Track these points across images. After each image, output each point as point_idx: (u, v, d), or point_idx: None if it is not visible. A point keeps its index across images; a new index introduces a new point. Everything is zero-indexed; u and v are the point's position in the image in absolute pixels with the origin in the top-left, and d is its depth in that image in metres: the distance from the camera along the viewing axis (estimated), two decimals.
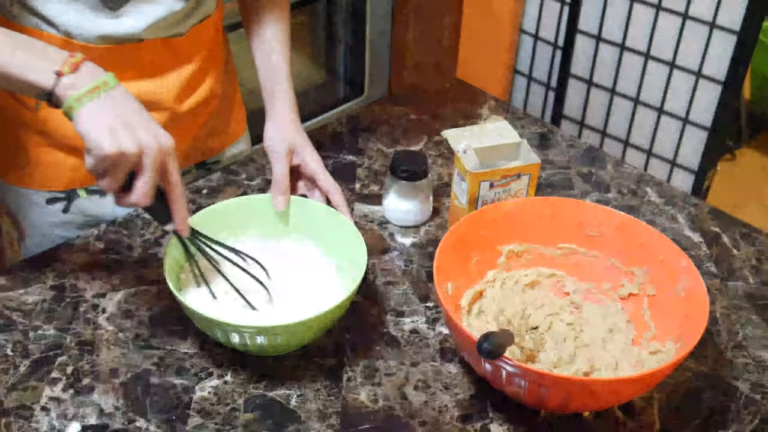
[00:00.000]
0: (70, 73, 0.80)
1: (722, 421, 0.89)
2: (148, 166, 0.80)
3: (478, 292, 0.99)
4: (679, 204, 1.22)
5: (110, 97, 0.81)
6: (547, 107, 2.63)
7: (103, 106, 0.80)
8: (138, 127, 0.80)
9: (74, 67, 0.80)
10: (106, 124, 0.79)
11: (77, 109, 0.79)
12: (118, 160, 0.79)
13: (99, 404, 0.87)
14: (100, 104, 0.80)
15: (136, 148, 0.79)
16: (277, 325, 0.85)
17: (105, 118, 0.79)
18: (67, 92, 0.80)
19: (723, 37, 2.11)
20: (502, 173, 1.06)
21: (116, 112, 0.80)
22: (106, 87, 0.81)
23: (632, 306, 0.99)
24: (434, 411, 0.88)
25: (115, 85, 0.82)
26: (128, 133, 0.79)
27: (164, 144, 0.81)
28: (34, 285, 1.01)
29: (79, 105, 0.79)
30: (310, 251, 1.02)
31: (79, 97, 0.79)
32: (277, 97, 1.13)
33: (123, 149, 0.78)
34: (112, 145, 0.78)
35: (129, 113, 0.81)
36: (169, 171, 0.83)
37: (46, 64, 0.80)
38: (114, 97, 0.81)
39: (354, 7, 2.24)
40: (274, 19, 1.16)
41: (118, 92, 0.82)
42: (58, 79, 0.80)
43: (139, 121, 0.81)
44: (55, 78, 0.80)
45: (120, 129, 0.79)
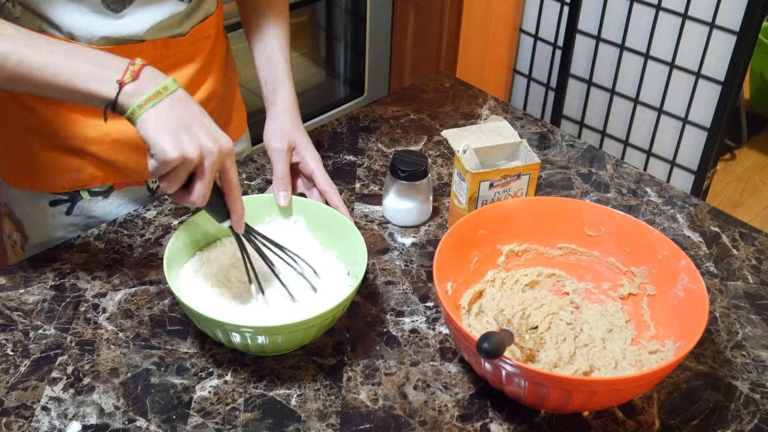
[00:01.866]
0: (132, 81, 0.81)
1: (722, 420, 0.89)
2: (208, 170, 0.82)
3: (478, 292, 0.99)
4: (678, 204, 1.22)
5: (171, 101, 0.82)
6: (546, 107, 2.63)
7: (164, 111, 0.81)
8: (199, 130, 0.82)
9: (135, 74, 0.81)
10: (169, 130, 0.80)
11: (140, 115, 0.81)
12: (181, 163, 0.80)
13: (99, 404, 0.87)
14: (161, 109, 0.81)
15: (197, 153, 0.80)
16: (277, 325, 0.86)
17: (167, 123, 0.80)
18: (129, 100, 0.81)
19: (723, 37, 2.11)
20: (502, 173, 1.06)
21: (178, 116, 0.81)
22: (167, 92, 0.82)
23: (632, 306, 0.99)
24: (434, 411, 0.88)
25: (175, 89, 0.83)
26: (190, 137, 0.80)
27: (224, 146, 0.83)
28: (35, 285, 1.01)
29: (141, 111, 0.81)
30: (310, 251, 1.02)
31: (141, 103, 0.81)
32: (277, 95, 1.13)
33: (186, 154, 0.80)
34: (175, 150, 0.79)
35: (190, 117, 0.82)
36: (228, 172, 0.85)
37: (108, 73, 0.82)
38: (175, 101, 0.82)
39: (354, 7, 2.25)
40: (274, 18, 1.16)
41: (178, 96, 0.83)
42: (121, 88, 0.81)
43: (200, 124, 0.82)
44: (117, 87, 0.81)
45: (182, 133, 0.80)
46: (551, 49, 2.54)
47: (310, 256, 1.00)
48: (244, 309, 0.93)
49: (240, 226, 0.90)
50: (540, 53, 2.58)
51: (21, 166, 1.10)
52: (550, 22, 2.50)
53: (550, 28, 2.51)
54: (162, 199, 1.17)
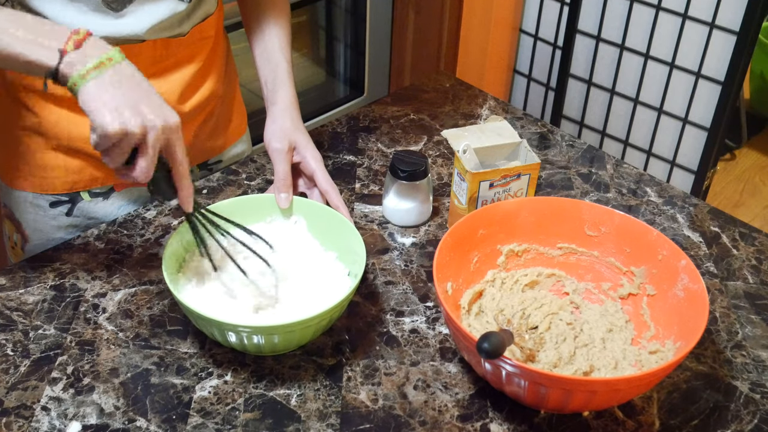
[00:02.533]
0: (74, 50, 0.79)
1: (721, 420, 0.89)
2: (151, 145, 0.80)
3: (477, 292, 0.99)
4: (678, 204, 1.22)
5: (116, 72, 0.80)
6: (546, 107, 2.63)
7: (107, 82, 0.79)
8: (143, 104, 0.79)
9: (78, 43, 0.79)
10: (110, 102, 0.78)
11: (81, 85, 0.79)
12: (122, 138, 0.78)
13: (99, 404, 0.87)
14: (104, 81, 0.79)
15: (139, 127, 0.78)
16: (274, 325, 0.86)
17: (109, 95, 0.78)
18: (71, 69, 0.79)
19: (723, 37, 2.11)
20: (502, 173, 1.06)
21: (121, 88, 0.79)
22: (111, 62, 0.80)
23: (632, 306, 0.99)
24: (434, 411, 0.88)
25: (120, 60, 0.81)
26: (132, 111, 0.78)
27: (169, 121, 0.81)
28: (34, 285, 1.01)
29: (83, 82, 0.78)
30: (310, 250, 1.02)
31: (83, 74, 0.78)
32: (277, 95, 1.13)
33: (127, 128, 0.78)
34: (115, 123, 0.77)
35: (134, 89, 0.80)
36: (174, 147, 0.83)
37: (50, 42, 0.79)
38: (119, 72, 0.80)
39: (354, 7, 2.25)
40: (274, 18, 1.16)
41: (123, 67, 0.81)
42: (62, 56, 0.79)
43: (144, 97, 0.80)
44: (59, 56, 0.79)
45: (124, 107, 0.78)
46: (551, 49, 2.54)
47: (310, 256, 1.00)
48: (244, 308, 0.93)
49: (188, 204, 0.88)
50: (540, 53, 2.58)
51: (21, 168, 1.10)
52: (550, 22, 2.50)
53: (550, 28, 2.51)
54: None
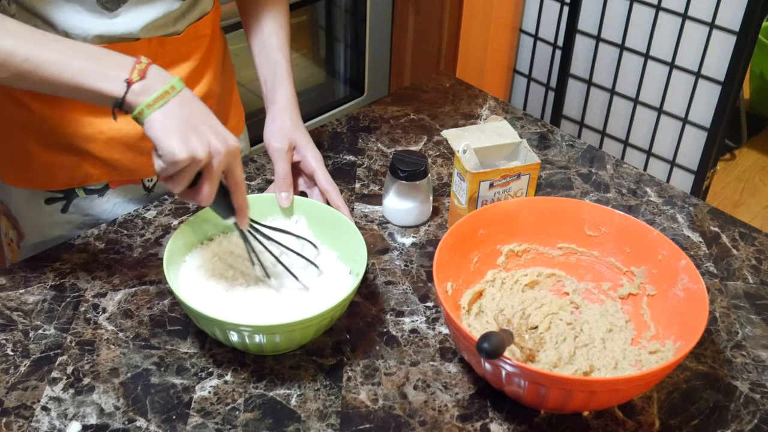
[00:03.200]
0: (140, 80, 0.81)
1: (721, 420, 0.89)
2: (216, 170, 0.82)
3: (477, 292, 0.99)
4: (678, 204, 1.22)
5: (179, 101, 0.82)
6: (546, 107, 2.63)
7: (172, 111, 0.81)
8: (207, 130, 0.82)
9: (142, 73, 0.81)
10: (177, 130, 0.80)
11: (148, 115, 0.81)
12: (189, 164, 0.80)
13: (99, 404, 0.87)
14: (169, 109, 0.81)
15: (206, 154, 0.81)
16: (275, 324, 0.86)
17: (175, 123, 0.80)
18: (137, 99, 0.81)
19: (722, 38, 2.11)
20: (502, 173, 1.06)
21: (186, 116, 0.81)
22: (174, 91, 0.82)
23: (632, 306, 0.99)
24: (434, 411, 0.88)
25: (182, 89, 0.83)
26: (198, 138, 0.81)
27: (231, 146, 0.83)
28: (34, 285, 1.01)
29: (150, 111, 0.81)
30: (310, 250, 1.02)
31: (150, 103, 0.80)
32: (276, 94, 1.13)
33: (195, 155, 0.80)
34: (183, 151, 0.79)
35: (197, 117, 0.82)
36: (234, 170, 0.85)
37: (115, 72, 0.81)
38: (182, 101, 0.82)
39: (354, 7, 2.25)
40: (273, 17, 1.16)
41: (185, 96, 0.83)
42: (129, 87, 0.81)
43: (207, 124, 0.82)
44: (125, 86, 0.81)
45: (190, 134, 0.80)
46: (551, 49, 2.54)
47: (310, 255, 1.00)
48: (244, 307, 0.93)
49: (244, 223, 0.91)
50: (540, 53, 2.58)
51: (16, 164, 1.10)
52: (550, 22, 2.50)
53: (550, 28, 2.51)
54: (162, 199, 1.17)
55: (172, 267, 0.94)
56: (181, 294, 0.88)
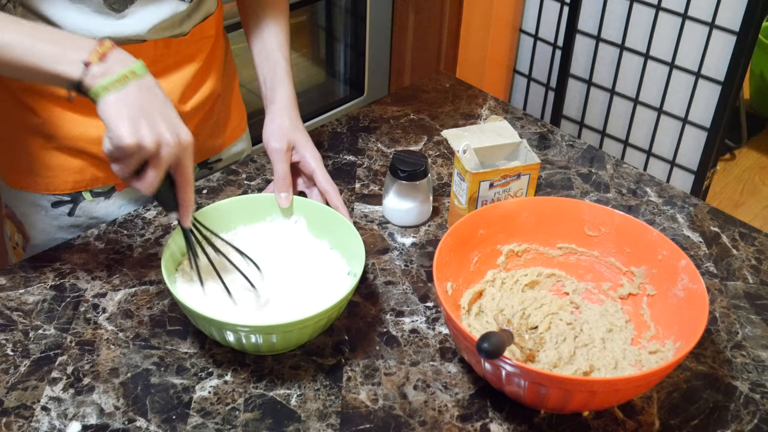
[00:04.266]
0: (99, 62, 0.80)
1: (721, 420, 0.89)
2: (163, 161, 0.81)
3: (477, 292, 0.99)
4: (678, 204, 1.22)
5: (137, 86, 0.81)
6: (546, 107, 2.63)
7: (128, 95, 0.80)
8: (160, 120, 0.81)
9: (102, 56, 0.80)
10: (128, 115, 0.79)
11: (103, 97, 0.80)
12: (136, 151, 0.80)
13: (99, 404, 0.87)
14: (125, 94, 0.80)
15: (154, 142, 0.80)
16: (272, 324, 0.86)
17: (129, 108, 0.80)
18: (95, 80, 0.80)
19: (722, 38, 2.11)
20: (502, 173, 1.06)
21: (141, 102, 0.80)
22: (134, 76, 0.81)
23: (632, 306, 0.99)
24: (434, 411, 0.88)
25: (143, 74, 0.82)
26: (149, 125, 0.80)
27: (183, 139, 0.82)
28: (34, 285, 1.01)
29: (105, 93, 0.80)
30: (310, 250, 1.02)
31: (106, 85, 0.80)
32: (276, 94, 1.13)
33: (142, 142, 0.79)
34: (131, 136, 0.79)
35: (153, 105, 0.81)
36: (183, 166, 0.84)
37: (75, 54, 0.80)
38: (141, 87, 0.81)
39: (354, 7, 2.25)
40: (273, 16, 1.16)
41: (145, 82, 0.82)
42: (87, 68, 0.80)
43: (161, 113, 0.81)
44: (83, 68, 0.80)
45: (142, 121, 0.80)
46: (551, 49, 2.54)
47: (310, 255, 1.01)
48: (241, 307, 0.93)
49: (186, 220, 0.90)
50: (540, 53, 2.58)
51: (22, 168, 1.10)
52: (550, 22, 2.50)
53: (550, 28, 2.51)
54: None
55: (171, 267, 0.94)
56: (179, 294, 0.88)
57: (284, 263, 0.99)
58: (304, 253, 1.01)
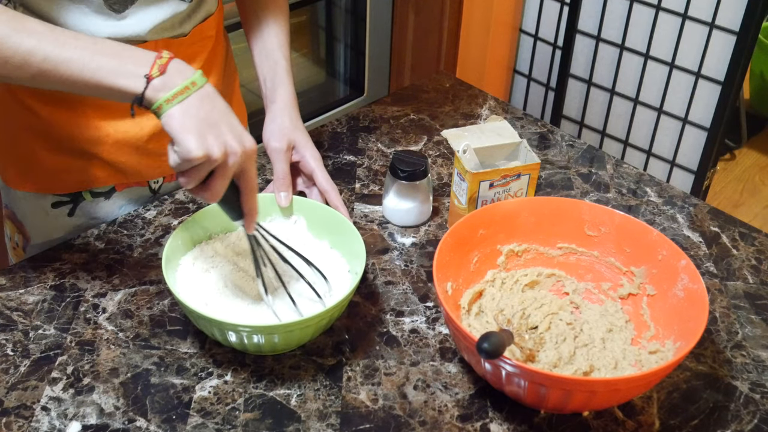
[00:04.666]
0: (160, 75, 0.80)
1: (721, 420, 0.89)
2: (230, 169, 0.82)
3: (477, 292, 0.99)
4: (678, 204, 1.22)
5: (199, 97, 0.81)
6: (546, 107, 2.63)
7: (191, 107, 0.80)
8: (225, 129, 0.81)
9: (162, 68, 0.80)
10: (195, 127, 0.79)
11: (167, 110, 0.80)
12: (204, 162, 0.80)
13: (99, 404, 0.87)
14: (188, 105, 0.80)
15: (222, 152, 0.80)
16: (273, 324, 0.86)
17: (193, 120, 0.80)
18: (157, 94, 0.80)
19: (722, 38, 2.11)
20: (502, 173, 1.06)
21: (204, 113, 0.81)
22: (195, 87, 0.81)
23: (632, 306, 0.99)
24: (434, 411, 0.88)
25: (203, 84, 0.82)
26: (215, 136, 0.80)
27: (248, 147, 0.83)
28: (34, 285, 1.01)
29: (168, 106, 0.80)
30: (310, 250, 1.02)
31: (169, 98, 0.80)
32: (276, 93, 1.13)
33: (210, 153, 0.79)
34: (199, 149, 0.78)
35: (217, 114, 0.81)
36: (248, 173, 0.85)
37: (135, 68, 0.81)
38: (202, 97, 0.81)
39: (354, 7, 2.25)
40: (273, 16, 1.16)
41: (206, 92, 0.82)
42: (148, 82, 0.80)
43: (226, 122, 0.82)
44: (145, 82, 0.80)
45: (207, 132, 0.80)
46: (551, 49, 2.54)
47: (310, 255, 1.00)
48: (242, 306, 0.93)
49: (251, 227, 0.90)
50: (540, 53, 2.58)
51: (23, 168, 1.10)
52: (550, 22, 2.50)
53: (550, 28, 2.51)
54: (162, 199, 1.17)
55: (171, 267, 0.94)
56: (180, 294, 0.88)
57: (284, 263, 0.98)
58: (304, 253, 1.01)
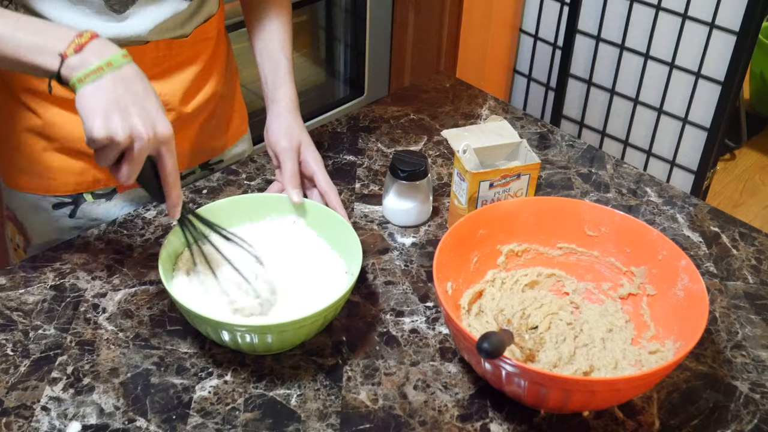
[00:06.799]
0: (75, 54, 0.80)
1: (721, 420, 0.89)
2: (136, 154, 0.81)
3: (477, 292, 0.99)
4: (678, 204, 1.22)
5: (113, 78, 0.80)
6: (546, 107, 2.63)
7: (102, 87, 0.80)
8: (135, 112, 0.80)
9: (79, 47, 0.80)
10: (101, 107, 0.79)
11: (79, 89, 0.80)
12: (108, 143, 0.79)
13: (99, 404, 0.87)
14: (100, 85, 0.80)
15: (126, 136, 0.79)
16: (267, 324, 0.86)
17: (102, 101, 0.79)
18: (72, 72, 0.80)
19: (722, 38, 2.11)
20: (502, 173, 1.06)
21: (115, 95, 0.80)
22: (111, 67, 0.80)
23: (632, 306, 0.99)
24: (434, 411, 0.88)
25: (121, 65, 0.81)
26: (122, 118, 0.79)
27: (160, 132, 0.81)
28: (34, 285, 1.01)
29: (81, 85, 0.80)
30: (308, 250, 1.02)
31: (81, 77, 0.79)
32: (280, 94, 1.13)
33: (113, 135, 0.79)
34: (102, 129, 0.78)
35: (129, 97, 0.80)
36: (164, 158, 0.84)
37: (53, 45, 0.80)
38: (117, 78, 0.81)
39: (354, 7, 2.25)
40: (276, 17, 1.16)
41: (123, 73, 0.81)
42: (63, 60, 0.80)
43: (138, 106, 0.81)
44: (60, 60, 0.80)
45: (114, 113, 0.79)
46: (551, 49, 2.54)
47: (308, 255, 1.01)
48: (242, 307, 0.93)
49: (174, 212, 0.89)
50: (540, 53, 2.58)
51: (24, 170, 1.10)
52: (550, 22, 2.50)
53: (550, 28, 2.51)
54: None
55: (168, 266, 0.94)
56: (175, 293, 0.88)
57: (282, 263, 0.98)
58: (302, 253, 1.01)
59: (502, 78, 2.69)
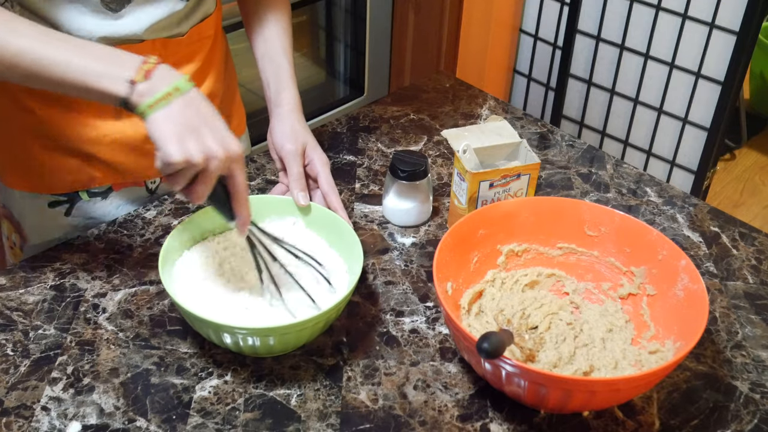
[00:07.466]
0: (144, 81, 0.81)
1: (721, 420, 0.89)
2: (211, 174, 0.82)
3: (477, 292, 0.99)
4: (678, 204, 1.22)
5: (182, 102, 0.82)
6: (546, 107, 2.63)
7: (173, 112, 0.81)
8: (206, 134, 0.82)
9: (147, 74, 0.81)
10: (175, 132, 0.80)
11: (149, 115, 0.81)
12: (185, 166, 0.81)
13: (99, 404, 0.87)
14: (171, 111, 0.81)
15: (202, 157, 0.81)
16: (269, 327, 0.86)
17: (174, 125, 0.81)
18: (141, 99, 0.81)
19: (722, 38, 2.11)
20: (502, 173, 1.06)
21: (186, 118, 0.81)
22: (178, 93, 0.82)
23: (632, 306, 0.99)
24: (434, 411, 0.88)
25: (187, 90, 0.83)
26: (196, 140, 0.81)
27: (231, 151, 0.83)
28: (34, 285, 1.01)
29: (151, 112, 0.81)
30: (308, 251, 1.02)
31: (151, 104, 0.81)
32: (283, 97, 1.13)
33: (190, 158, 0.80)
34: (179, 153, 0.80)
35: (199, 119, 0.82)
36: (235, 176, 0.85)
37: (120, 72, 0.82)
38: (186, 102, 0.82)
39: (354, 7, 2.25)
40: (276, 17, 1.16)
41: (190, 97, 0.83)
42: (132, 86, 0.81)
43: (209, 127, 0.82)
44: (128, 86, 0.81)
45: (188, 137, 0.81)
46: (551, 49, 2.54)
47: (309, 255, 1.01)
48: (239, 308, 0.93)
49: (243, 230, 0.91)
50: (540, 53, 2.58)
51: (19, 168, 1.10)
52: (550, 22, 2.50)
53: (550, 28, 2.51)
54: (162, 199, 1.17)
55: (169, 267, 0.94)
56: (176, 295, 0.88)
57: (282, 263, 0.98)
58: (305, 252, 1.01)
59: (502, 78, 2.69)
